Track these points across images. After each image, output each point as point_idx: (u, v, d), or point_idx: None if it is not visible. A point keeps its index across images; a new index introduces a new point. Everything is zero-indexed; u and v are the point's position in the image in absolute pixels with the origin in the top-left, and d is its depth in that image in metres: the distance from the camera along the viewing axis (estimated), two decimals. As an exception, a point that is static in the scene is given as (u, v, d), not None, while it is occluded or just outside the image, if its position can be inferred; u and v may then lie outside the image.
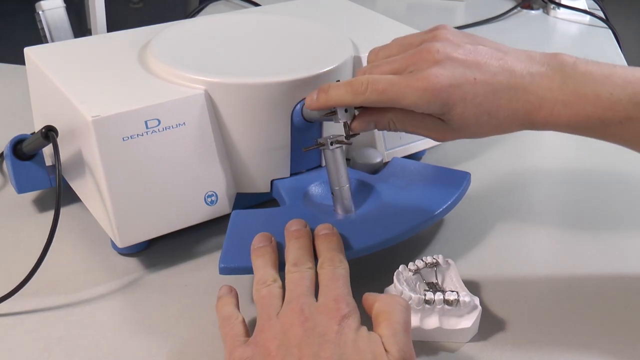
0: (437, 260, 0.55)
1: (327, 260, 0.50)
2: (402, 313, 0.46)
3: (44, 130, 0.55)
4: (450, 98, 0.51)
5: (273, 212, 0.59)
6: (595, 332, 0.54)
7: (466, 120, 0.52)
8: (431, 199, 0.60)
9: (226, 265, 0.53)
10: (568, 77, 0.50)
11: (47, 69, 0.61)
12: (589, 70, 0.50)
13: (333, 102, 0.54)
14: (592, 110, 0.49)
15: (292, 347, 0.43)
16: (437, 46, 0.52)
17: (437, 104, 0.51)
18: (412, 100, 0.51)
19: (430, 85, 0.50)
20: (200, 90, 0.58)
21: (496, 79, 0.51)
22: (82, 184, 0.60)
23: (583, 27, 1.24)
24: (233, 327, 0.47)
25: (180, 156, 0.57)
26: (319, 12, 0.78)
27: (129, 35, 0.69)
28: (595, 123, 0.50)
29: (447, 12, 1.28)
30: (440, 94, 0.50)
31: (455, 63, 0.51)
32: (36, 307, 0.54)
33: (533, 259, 0.62)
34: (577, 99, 0.50)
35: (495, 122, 0.52)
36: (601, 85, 0.49)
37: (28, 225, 0.64)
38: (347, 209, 0.58)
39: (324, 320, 0.44)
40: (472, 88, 0.51)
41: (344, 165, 0.57)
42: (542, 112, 0.51)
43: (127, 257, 0.60)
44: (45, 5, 0.88)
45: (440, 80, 0.50)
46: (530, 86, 0.51)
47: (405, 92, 0.51)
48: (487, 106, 0.51)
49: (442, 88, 0.50)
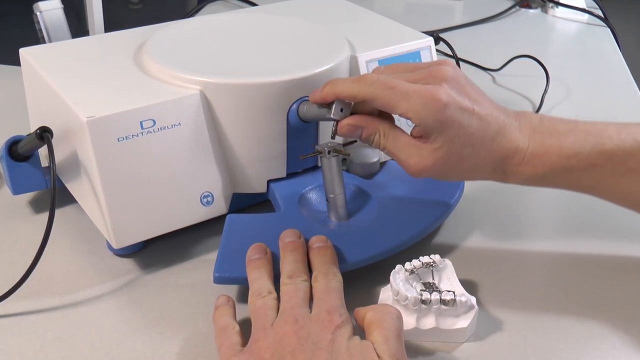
0: (433, 260, 0.55)
1: (321, 274, 0.51)
2: (393, 320, 0.46)
3: (38, 131, 0.55)
4: (449, 118, 0.51)
5: (268, 218, 0.59)
6: (592, 332, 0.54)
7: (452, 147, 0.52)
8: (427, 208, 0.61)
9: (221, 274, 0.53)
10: (536, 131, 0.54)
11: (42, 69, 0.61)
12: (553, 125, 0.54)
13: (338, 90, 0.54)
14: (557, 160, 0.53)
15: (285, 354, 0.44)
16: (448, 69, 0.53)
17: (436, 117, 0.51)
18: (415, 105, 0.51)
19: (437, 98, 0.51)
20: (195, 90, 0.58)
21: (490, 117, 0.53)
22: (78, 184, 0.60)
23: (582, 26, 1.24)
24: (229, 337, 0.48)
25: (176, 157, 0.57)
26: (316, 11, 0.78)
27: (125, 36, 0.69)
28: (561, 172, 0.54)
29: (445, 12, 1.28)
30: (444, 110, 0.51)
31: (461, 90, 0.53)
32: (32, 309, 0.54)
33: (530, 258, 0.62)
34: (544, 150, 0.53)
35: (474, 160, 0.53)
36: (565, 137, 0.53)
37: (24, 226, 0.64)
38: (341, 217, 0.58)
39: (317, 329, 0.45)
40: (469, 117, 0.52)
41: (339, 174, 0.57)
42: (515, 160, 0.53)
43: (122, 258, 0.60)
44: (43, 6, 0.88)
45: (447, 97, 0.51)
46: (509, 134, 0.53)
47: (410, 95, 0.51)
48: (475, 139, 0.52)
49: (447, 105, 0.51)
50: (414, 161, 0.53)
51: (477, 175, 0.55)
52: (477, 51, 1.07)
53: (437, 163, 0.53)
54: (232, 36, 0.68)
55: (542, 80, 0.94)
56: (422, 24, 1.13)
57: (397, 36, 0.72)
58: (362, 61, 0.66)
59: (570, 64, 1.08)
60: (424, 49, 0.71)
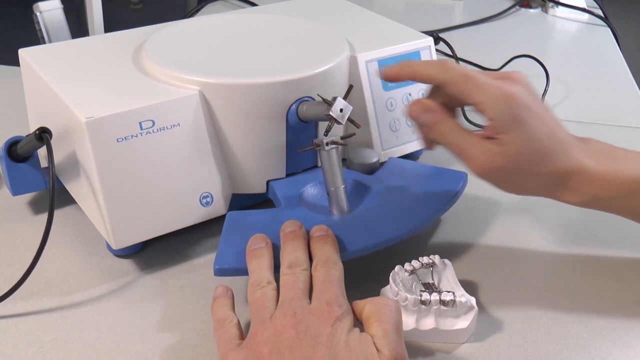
0: (433, 261, 0.55)
1: (321, 262, 0.50)
2: (392, 313, 0.46)
3: (37, 132, 0.55)
4: (523, 116, 0.51)
5: (268, 213, 0.58)
6: (592, 332, 0.54)
7: (523, 149, 0.51)
8: (428, 199, 0.60)
9: (221, 266, 0.52)
10: (600, 154, 0.54)
11: (41, 70, 0.61)
12: (614, 150, 0.56)
13: (415, 70, 0.54)
14: (620, 183, 0.54)
15: (284, 350, 0.43)
16: (522, 76, 0.54)
17: (511, 113, 0.51)
18: (491, 97, 0.51)
19: (513, 94, 0.51)
20: (194, 90, 0.58)
21: (559, 130, 0.53)
22: (77, 185, 0.60)
23: (582, 26, 1.24)
24: (227, 330, 0.47)
25: (175, 157, 0.57)
26: (316, 11, 0.78)
27: (124, 36, 0.69)
28: (624, 195, 0.54)
29: (445, 11, 1.28)
30: (519, 107, 0.51)
31: (534, 97, 0.53)
32: (30, 310, 0.54)
33: (530, 259, 0.62)
34: (609, 172, 0.54)
35: (541, 168, 0.52)
36: (626, 162, 0.55)
37: (23, 227, 0.64)
38: (343, 210, 0.58)
39: (316, 322, 0.44)
40: (541, 123, 0.52)
41: (339, 166, 0.57)
42: (581, 177, 0.53)
43: (122, 258, 0.60)
44: (43, 7, 0.88)
45: (523, 97, 0.51)
46: (575, 151, 0.53)
47: (487, 88, 0.51)
48: (545, 147, 0.52)
49: (522, 104, 0.51)
50: (482, 159, 0.52)
51: (540, 187, 0.54)
52: (477, 51, 1.07)
53: (506, 164, 0.52)
54: (231, 36, 0.68)
55: (542, 80, 0.94)
56: (422, 24, 1.13)
57: (397, 36, 0.71)
58: (361, 61, 0.66)
59: (571, 63, 1.07)
60: (424, 49, 0.71)
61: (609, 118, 0.89)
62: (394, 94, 0.69)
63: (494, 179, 0.54)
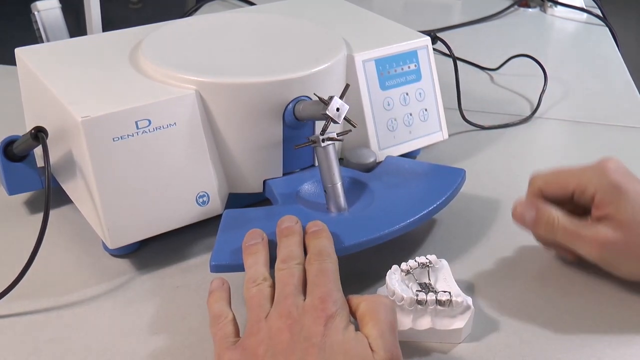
0: (429, 261, 0.54)
1: (314, 255, 0.50)
2: (387, 313, 0.46)
3: (33, 131, 0.55)
4: (621, 182, 0.53)
5: (265, 210, 0.58)
6: (588, 332, 0.54)
7: (634, 212, 0.52)
8: (425, 195, 0.60)
9: (217, 262, 0.52)
10: None
11: (37, 69, 0.61)
12: None
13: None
14: None
15: (278, 353, 0.43)
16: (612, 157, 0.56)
17: (609, 180, 0.53)
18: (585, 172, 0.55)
19: (605, 163, 0.54)
20: (191, 90, 0.57)
21: None
22: (73, 185, 0.60)
23: (580, 25, 1.24)
24: (222, 328, 0.47)
25: (171, 156, 0.57)
26: (313, 11, 0.78)
27: (121, 36, 0.69)
28: None
29: (444, 11, 1.28)
30: (614, 172, 0.54)
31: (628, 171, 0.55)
32: (26, 310, 0.54)
33: (526, 259, 0.62)
34: None
35: None
36: None
37: (19, 226, 0.63)
38: (340, 207, 0.58)
39: (310, 321, 0.44)
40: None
41: (336, 162, 0.57)
42: None
43: (118, 258, 0.60)
44: (41, 6, 0.88)
45: (616, 164, 0.54)
46: None
47: (580, 168, 0.55)
48: None
49: (616, 170, 0.54)
50: (597, 238, 0.54)
51: None
52: (475, 50, 1.07)
53: (620, 236, 0.53)
54: (228, 36, 0.67)
55: (540, 79, 0.94)
56: (420, 23, 1.13)
57: (394, 35, 0.71)
58: (358, 60, 0.66)
59: (569, 63, 1.07)
60: (421, 48, 0.71)
61: (607, 118, 0.89)
62: (391, 93, 0.69)
63: (615, 252, 0.54)
